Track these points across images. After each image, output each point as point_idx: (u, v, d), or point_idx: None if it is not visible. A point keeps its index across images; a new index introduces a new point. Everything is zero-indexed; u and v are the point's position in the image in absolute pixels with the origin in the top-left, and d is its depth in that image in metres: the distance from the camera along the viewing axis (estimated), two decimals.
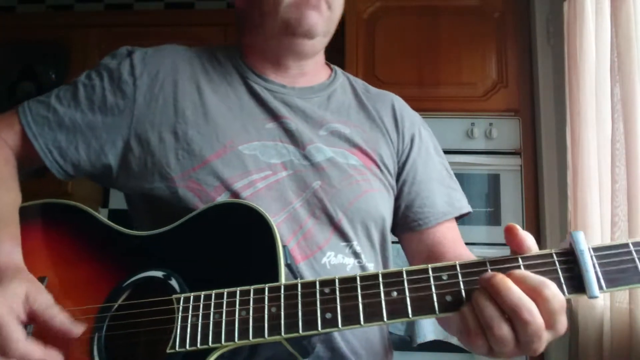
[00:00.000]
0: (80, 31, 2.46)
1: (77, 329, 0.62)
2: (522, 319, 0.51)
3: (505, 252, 0.58)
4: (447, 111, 2.16)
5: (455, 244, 0.86)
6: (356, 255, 0.80)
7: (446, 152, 2.23)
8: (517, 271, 0.54)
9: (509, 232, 0.57)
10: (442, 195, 0.89)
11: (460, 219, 0.92)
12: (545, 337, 0.53)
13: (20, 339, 0.58)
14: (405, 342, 1.97)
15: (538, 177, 2.11)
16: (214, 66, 0.88)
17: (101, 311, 0.65)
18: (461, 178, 2.11)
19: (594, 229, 1.65)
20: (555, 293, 0.52)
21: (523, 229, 0.57)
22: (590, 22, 1.72)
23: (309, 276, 0.74)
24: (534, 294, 0.52)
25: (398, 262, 0.97)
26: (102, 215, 0.74)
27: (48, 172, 0.82)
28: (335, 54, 2.30)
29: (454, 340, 1.93)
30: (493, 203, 2.10)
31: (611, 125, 1.60)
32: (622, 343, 1.47)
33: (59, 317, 0.61)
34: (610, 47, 1.61)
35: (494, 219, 2.08)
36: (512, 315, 0.52)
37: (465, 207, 0.91)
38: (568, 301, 0.54)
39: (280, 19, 0.82)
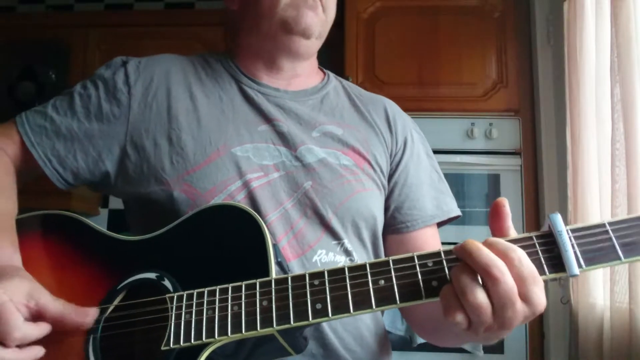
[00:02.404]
0: (80, 31, 2.46)
1: (89, 315, 0.62)
2: (492, 276, 0.52)
3: None
4: (447, 111, 2.16)
5: None
6: (347, 253, 0.81)
7: (446, 152, 2.21)
8: (489, 238, 0.56)
9: (497, 207, 0.58)
10: (432, 198, 0.90)
11: (459, 220, 0.92)
12: (520, 308, 0.53)
13: (19, 324, 0.58)
14: (405, 342, 1.97)
15: (538, 177, 2.11)
16: (206, 71, 0.90)
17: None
18: (461, 178, 2.12)
19: None
20: (521, 257, 0.53)
21: (523, 229, 0.58)
22: (590, 22, 1.72)
23: None
24: (503, 257, 0.53)
25: None
26: (102, 216, 0.75)
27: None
28: (336, 54, 2.31)
29: None
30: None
31: (611, 125, 1.60)
32: (622, 343, 1.47)
33: (67, 307, 0.62)
34: (610, 47, 1.61)
35: None
36: (483, 274, 0.52)
37: (453, 210, 0.92)
38: (567, 302, 0.54)
39: (277, 18, 0.84)
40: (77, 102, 0.84)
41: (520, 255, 0.53)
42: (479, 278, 0.53)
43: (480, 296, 0.52)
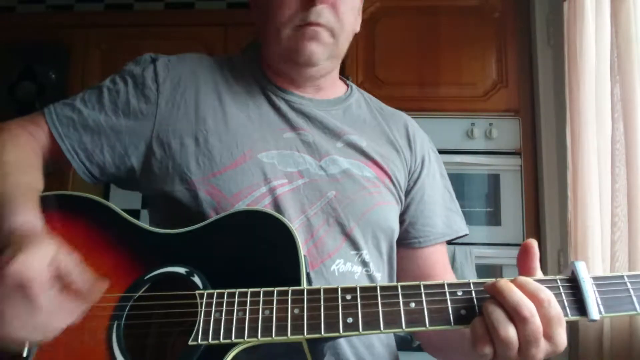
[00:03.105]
0: (80, 31, 2.46)
1: (101, 286, 0.60)
2: (522, 316, 0.55)
3: (503, 252, 0.61)
4: (447, 111, 2.16)
5: (445, 271, 0.92)
6: (364, 264, 0.82)
7: (446, 152, 2.21)
8: (519, 277, 0.59)
9: (527, 248, 0.62)
10: (443, 217, 0.93)
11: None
12: (543, 346, 0.56)
13: (43, 306, 0.56)
14: (406, 342, 1.97)
15: (538, 177, 2.11)
16: (234, 76, 0.90)
17: (122, 300, 0.66)
18: (461, 178, 2.12)
19: (594, 228, 1.65)
20: (551, 299, 0.57)
21: (523, 228, 0.60)
22: (590, 22, 1.72)
23: (317, 283, 0.76)
24: (532, 298, 0.57)
25: None
26: None
27: (51, 174, 0.81)
28: None
29: None
30: (493, 203, 2.10)
31: (611, 125, 1.60)
32: (622, 343, 1.47)
33: (83, 275, 0.60)
34: (610, 47, 1.61)
35: (493, 219, 2.08)
36: (514, 313, 0.56)
37: (462, 229, 0.95)
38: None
39: (282, 48, 0.85)
40: (106, 96, 0.84)
41: (549, 297, 0.57)
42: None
43: (511, 332, 0.56)
